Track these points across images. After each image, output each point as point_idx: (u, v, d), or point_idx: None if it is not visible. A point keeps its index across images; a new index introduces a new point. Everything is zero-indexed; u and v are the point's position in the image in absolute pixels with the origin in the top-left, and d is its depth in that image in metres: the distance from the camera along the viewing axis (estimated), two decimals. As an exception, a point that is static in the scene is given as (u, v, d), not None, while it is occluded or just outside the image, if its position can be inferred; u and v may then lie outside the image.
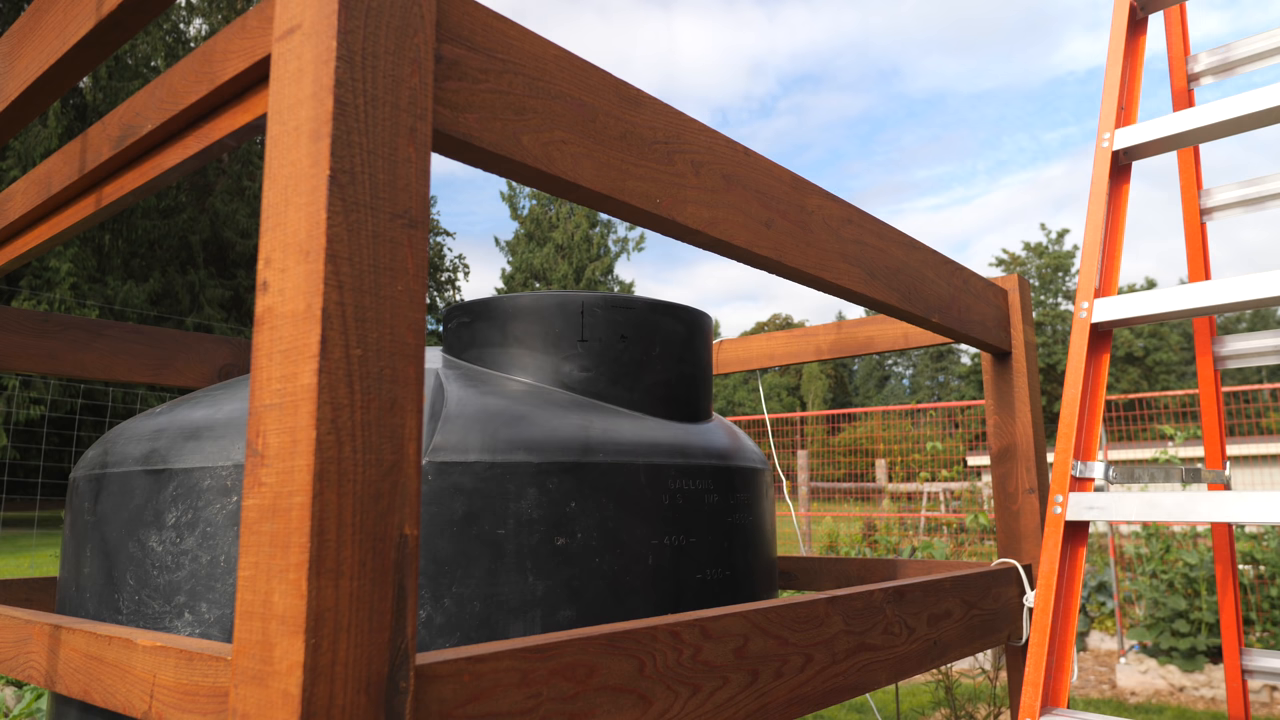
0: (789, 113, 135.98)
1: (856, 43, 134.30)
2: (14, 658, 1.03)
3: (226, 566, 1.04)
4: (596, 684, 0.84)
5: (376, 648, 0.65)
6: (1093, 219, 1.78)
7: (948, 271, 1.66)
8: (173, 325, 19.96)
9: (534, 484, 1.11)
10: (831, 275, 1.30)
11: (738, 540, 1.37)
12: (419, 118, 0.74)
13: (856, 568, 2.14)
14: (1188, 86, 2.11)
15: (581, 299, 1.39)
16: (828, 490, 11.74)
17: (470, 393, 1.23)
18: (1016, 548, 1.86)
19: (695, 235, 1.08)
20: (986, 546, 8.24)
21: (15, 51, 1.16)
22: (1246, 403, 9.20)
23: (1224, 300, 1.56)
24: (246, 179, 24.47)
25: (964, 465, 11.26)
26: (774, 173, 1.22)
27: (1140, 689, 4.77)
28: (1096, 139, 1.86)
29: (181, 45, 23.83)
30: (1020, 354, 1.91)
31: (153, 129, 1.02)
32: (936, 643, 1.44)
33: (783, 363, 2.36)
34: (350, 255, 0.66)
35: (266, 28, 0.83)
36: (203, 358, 2.35)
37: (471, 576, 1.05)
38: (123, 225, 21.23)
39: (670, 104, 1.07)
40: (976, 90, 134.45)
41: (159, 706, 0.77)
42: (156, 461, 1.14)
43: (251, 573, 0.65)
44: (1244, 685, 1.98)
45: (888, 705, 4.40)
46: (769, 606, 1.09)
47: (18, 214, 1.37)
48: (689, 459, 1.30)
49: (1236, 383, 10.15)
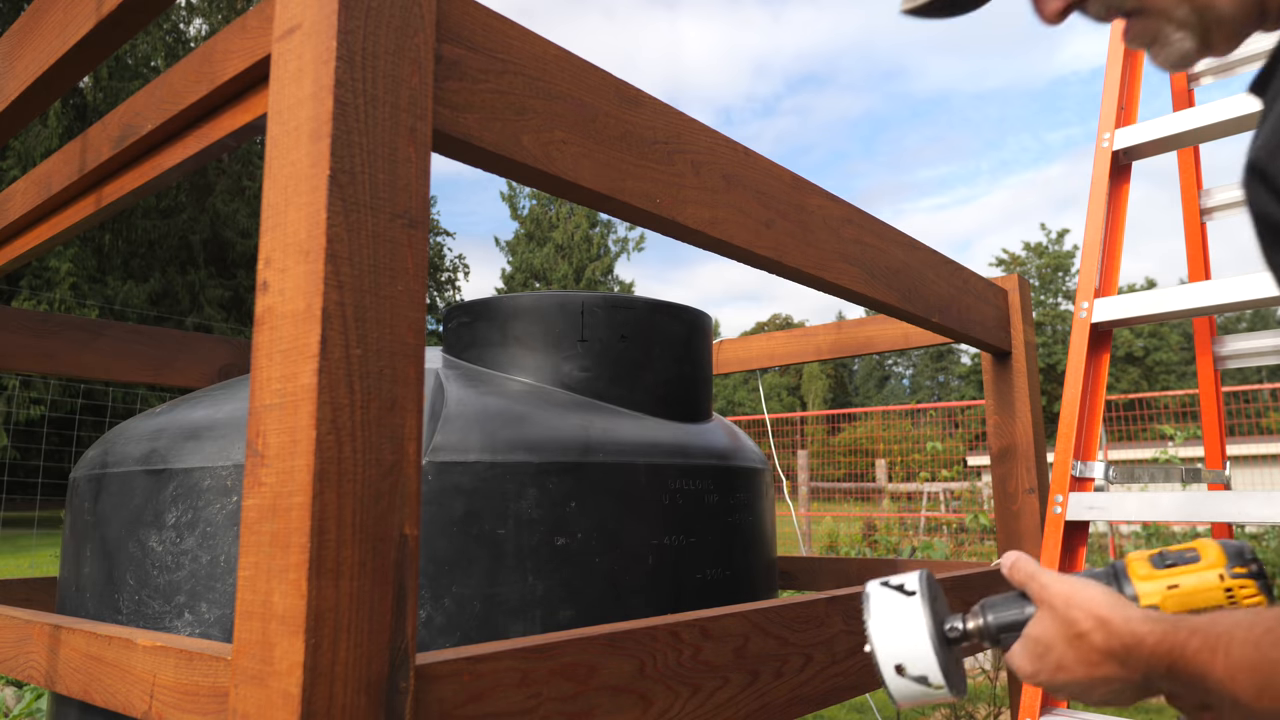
0: (792, 113, 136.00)
1: (860, 43, 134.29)
2: (14, 657, 1.03)
3: (226, 566, 1.04)
4: (597, 684, 0.84)
5: (376, 648, 0.65)
6: (1093, 219, 1.78)
7: (948, 272, 1.66)
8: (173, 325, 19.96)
9: (534, 484, 1.11)
10: (831, 275, 1.30)
11: (738, 540, 1.37)
12: (419, 118, 0.73)
13: (856, 568, 2.14)
14: (1188, 86, 2.11)
15: (581, 299, 1.39)
16: (828, 490, 11.74)
17: (470, 393, 1.23)
18: (1016, 548, 1.85)
19: (695, 235, 1.08)
20: (986, 546, 8.24)
21: (15, 51, 1.16)
22: (1246, 403, 9.20)
23: (1224, 300, 1.56)
24: (246, 179, 24.47)
25: (964, 465, 11.26)
26: (774, 173, 1.22)
27: (1140, 689, 4.77)
28: (1096, 139, 1.86)
29: (181, 45, 23.83)
30: (1020, 354, 1.91)
31: (153, 129, 1.02)
32: (936, 643, 1.44)
33: (783, 363, 2.36)
34: (350, 255, 0.66)
35: (266, 28, 0.83)
36: (203, 358, 2.35)
37: (471, 576, 1.05)
38: (123, 225, 21.23)
39: (672, 104, 1.07)
40: (980, 90, 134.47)
41: (159, 706, 0.77)
42: (156, 461, 1.14)
43: (251, 573, 0.65)
44: (1244, 685, 1.98)
45: (888, 705, 4.40)
46: (769, 606, 1.09)
47: (18, 214, 1.37)
48: (689, 459, 1.30)
49: (1236, 383, 10.14)
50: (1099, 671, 0.68)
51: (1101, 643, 0.67)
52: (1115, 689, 0.68)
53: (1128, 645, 0.65)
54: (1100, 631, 0.67)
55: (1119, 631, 0.65)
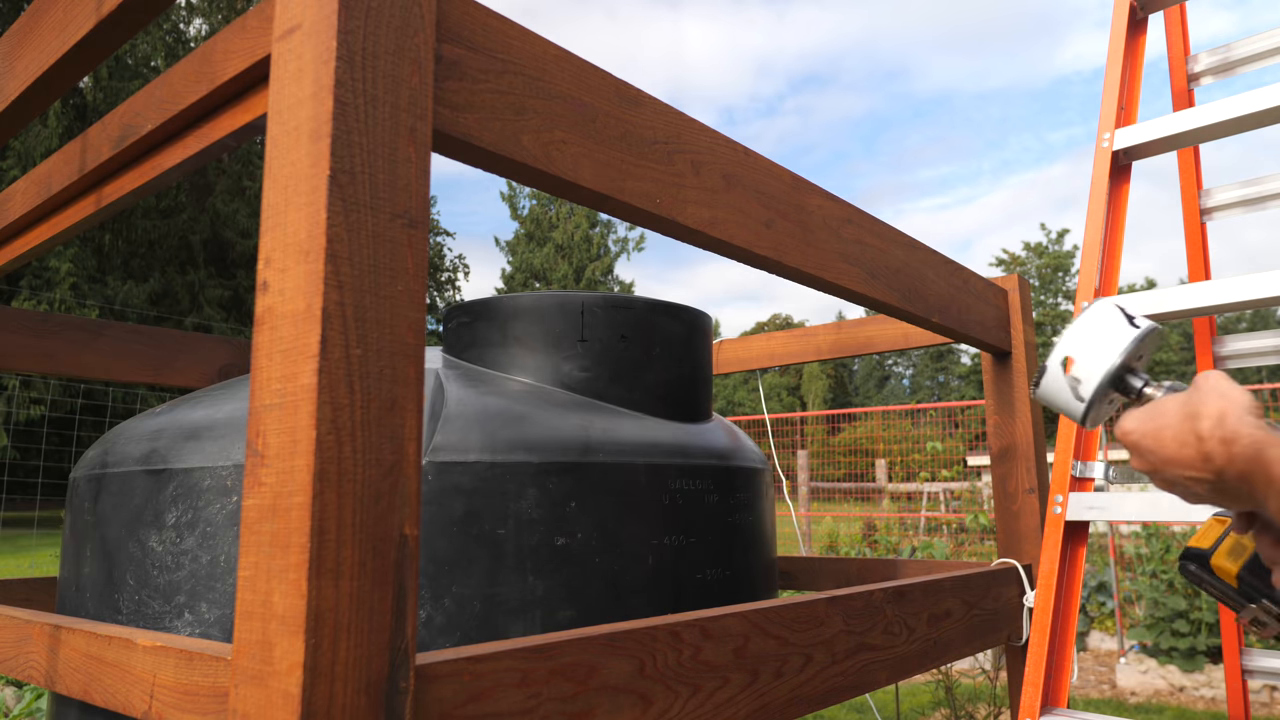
0: (795, 113, 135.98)
1: (863, 43, 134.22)
2: (14, 657, 1.03)
3: (226, 566, 1.04)
4: (596, 684, 0.84)
5: (376, 648, 0.65)
6: (1093, 219, 1.78)
7: (948, 271, 1.66)
8: (173, 325, 19.95)
9: (534, 484, 1.11)
10: (831, 275, 1.30)
11: (738, 540, 1.37)
12: (419, 118, 0.73)
13: (856, 568, 2.14)
14: (1188, 86, 2.11)
15: (581, 299, 1.39)
16: (828, 490, 11.74)
17: (470, 393, 1.23)
18: (1016, 548, 1.86)
19: (695, 235, 1.08)
20: (986, 546, 8.24)
21: (15, 51, 1.16)
22: (1246, 403, 9.19)
23: (1224, 300, 1.56)
24: (246, 179, 24.46)
25: (964, 465, 11.26)
26: (774, 172, 1.22)
27: (1140, 689, 4.77)
28: (1096, 139, 1.86)
29: (181, 45, 23.83)
30: (1020, 354, 1.91)
31: (153, 129, 1.02)
32: (936, 642, 1.44)
33: (783, 363, 2.36)
34: (350, 255, 0.66)
35: (266, 28, 0.83)
36: (203, 358, 2.35)
37: (471, 576, 1.05)
38: (123, 225, 21.23)
39: (675, 105, 1.07)
40: (982, 90, 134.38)
41: (159, 706, 0.77)
42: (156, 461, 1.14)
43: (251, 573, 0.65)
44: (1244, 685, 1.98)
45: (888, 705, 4.40)
46: (769, 606, 1.09)
47: (18, 214, 1.37)
48: (689, 459, 1.30)
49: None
50: (1183, 453, 0.72)
51: (1207, 431, 0.70)
52: (1184, 478, 0.73)
53: (1225, 438, 0.69)
54: (1211, 421, 0.70)
55: (1229, 425, 0.69)
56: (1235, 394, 0.72)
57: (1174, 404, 0.75)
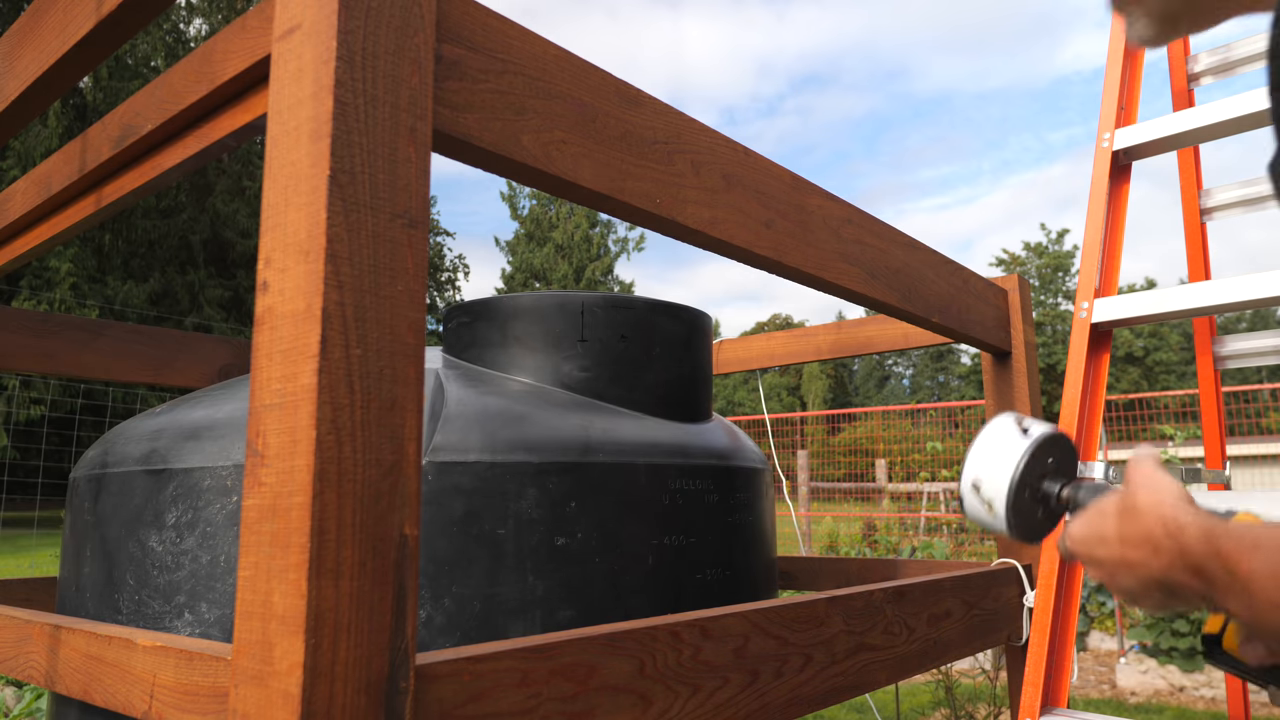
0: (795, 113, 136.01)
1: (864, 42, 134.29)
2: (14, 658, 1.03)
3: (226, 566, 1.04)
4: (596, 684, 0.84)
5: (376, 648, 0.65)
6: (1093, 219, 1.78)
7: (948, 271, 1.66)
8: (173, 325, 19.94)
9: (534, 484, 1.11)
10: (831, 275, 1.30)
11: (738, 540, 1.37)
12: (419, 118, 0.73)
13: (856, 568, 2.14)
14: (1188, 86, 2.11)
15: (581, 299, 1.39)
16: (828, 490, 11.74)
17: (470, 393, 1.23)
18: (1016, 548, 1.86)
19: (695, 235, 1.08)
20: (986, 546, 8.24)
21: (15, 51, 1.16)
22: (1246, 403, 9.20)
23: (1224, 300, 1.56)
24: (246, 179, 24.46)
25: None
26: (774, 172, 1.22)
27: (1140, 689, 4.77)
28: (1096, 139, 1.86)
29: (181, 45, 23.83)
30: (1020, 354, 1.91)
31: (153, 129, 1.02)
32: (936, 643, 1.44)
33: (783, 363, 2.36)
34: (350, 255, 0.66)
35: (266, 28, 0.83)
36: (203, 358, 2.35)
37: (471, 576, 1.05)
38: (123, 225, 21.23)
39: (675, 104, 1.07)
40: (982, 90, 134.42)
41: (159, 706, 0.77)
42: (156, 461, 1.14)
43: (251, 573, 0.65)
44: (1244, 685, 1.98)
45: (888, 705, 4.40)
46: (769, 606, 1.09)
47: (18, 214, 1.37)
48: (689, 459, 1.30)
49: (1236, 383, 10.16)
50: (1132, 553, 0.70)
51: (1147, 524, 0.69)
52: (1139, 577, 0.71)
53: (1170, 531, 0.67)
54: (1152, 513, 0.69)
55: (1167, 516, 0.68)
56: (1165, 483, 0.71)
57: (1110, 504, 0.74)
